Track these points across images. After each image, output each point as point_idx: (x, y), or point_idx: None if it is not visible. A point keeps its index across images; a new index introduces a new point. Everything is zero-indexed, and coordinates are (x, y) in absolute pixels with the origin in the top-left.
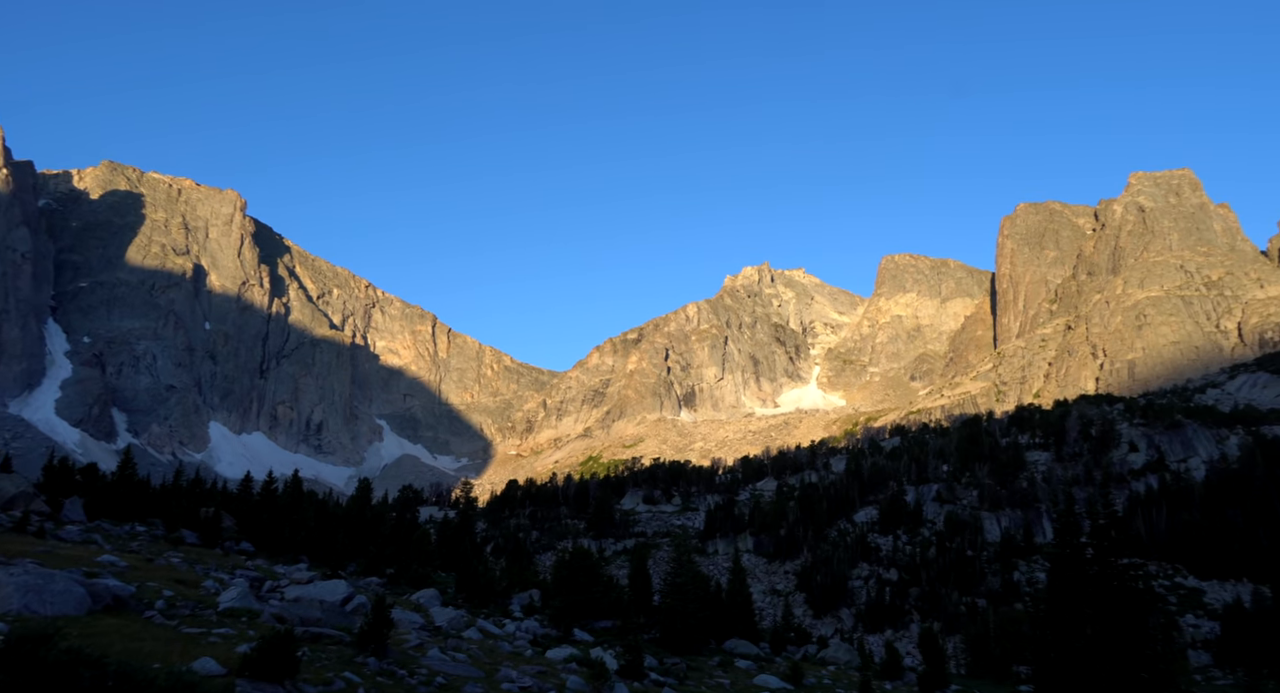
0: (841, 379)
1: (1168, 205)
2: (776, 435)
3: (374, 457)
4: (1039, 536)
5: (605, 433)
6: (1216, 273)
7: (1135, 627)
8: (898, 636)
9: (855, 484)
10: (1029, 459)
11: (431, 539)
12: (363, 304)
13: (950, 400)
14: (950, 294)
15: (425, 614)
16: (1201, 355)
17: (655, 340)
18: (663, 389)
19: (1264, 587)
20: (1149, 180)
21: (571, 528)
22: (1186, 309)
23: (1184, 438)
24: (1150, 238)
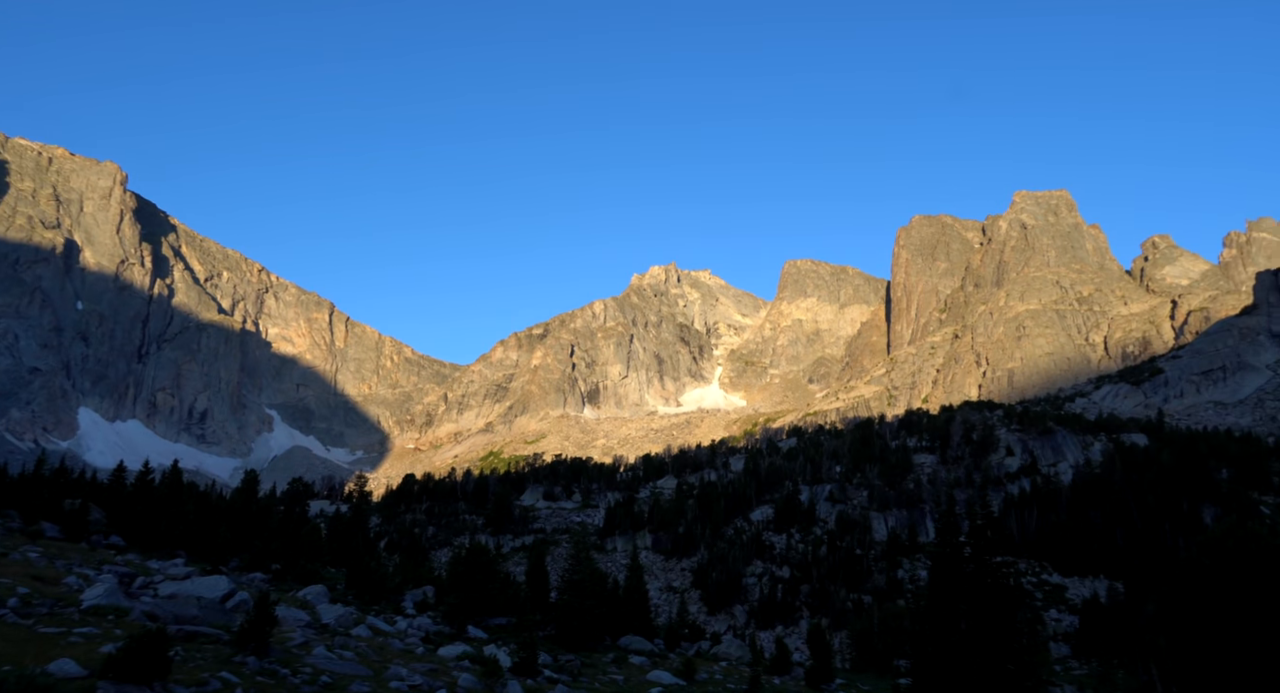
0: (743, 380)
1: (1047, 224)
2: (678, 434)
3: (262, 448)
4: (923, 535)
5: (507, 428)
6: (1087, 289)
7: (1005, 621)
8: (788, 631)
9: (753, 483)
10: (916, 461)
11: (322, 534)
12: (255, 289)
13: (845, 403)
14: (848, 300)
15: (312, 611)
16: (1072, 366)
17: (561, 336)
18: (567, 385)
19: (1118, 583)
20: (1031, 199)
21: (470, 524)
22: (1060, 323)
23: (1054, 444)
24: (1031, 254)
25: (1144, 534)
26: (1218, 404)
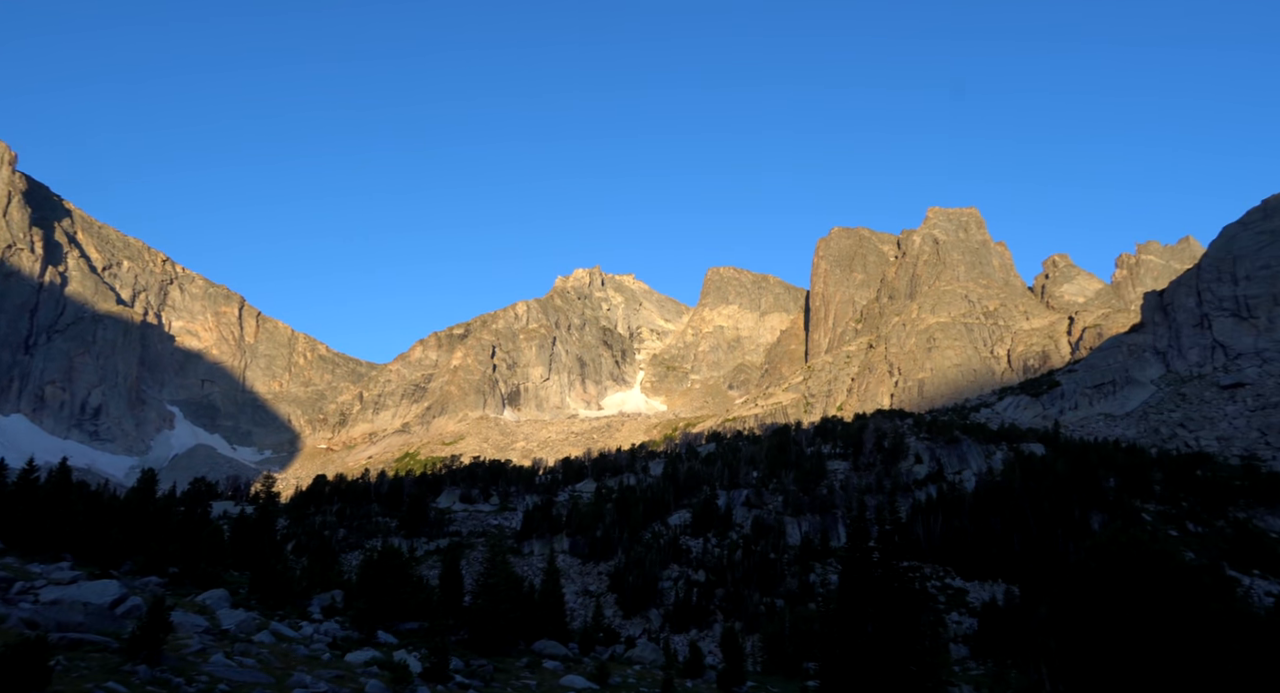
0: (664, 385)
1: (958, 240)
2: (599, 437)
3: (162, 446)
4: (835, 539)
5: (424, 429)
6: (993, 304)
7: (909, 624)
8: (702, 635)
9: (671, 488)
10: (830, 468)
11: (225, 536)
12: (158, 280)
13: (763, 410)
14: (769, 309)
15: (211, 617)
16: (978, 378)
17: (482, 337)
18: (487, 387)
19: (1015, 587)
20: (944, 216)
21: (382, 526)
22: (968, 335)
23: (960, 452)
24: (942, 268)
25: (1039, 540)
26: (1108, 416)
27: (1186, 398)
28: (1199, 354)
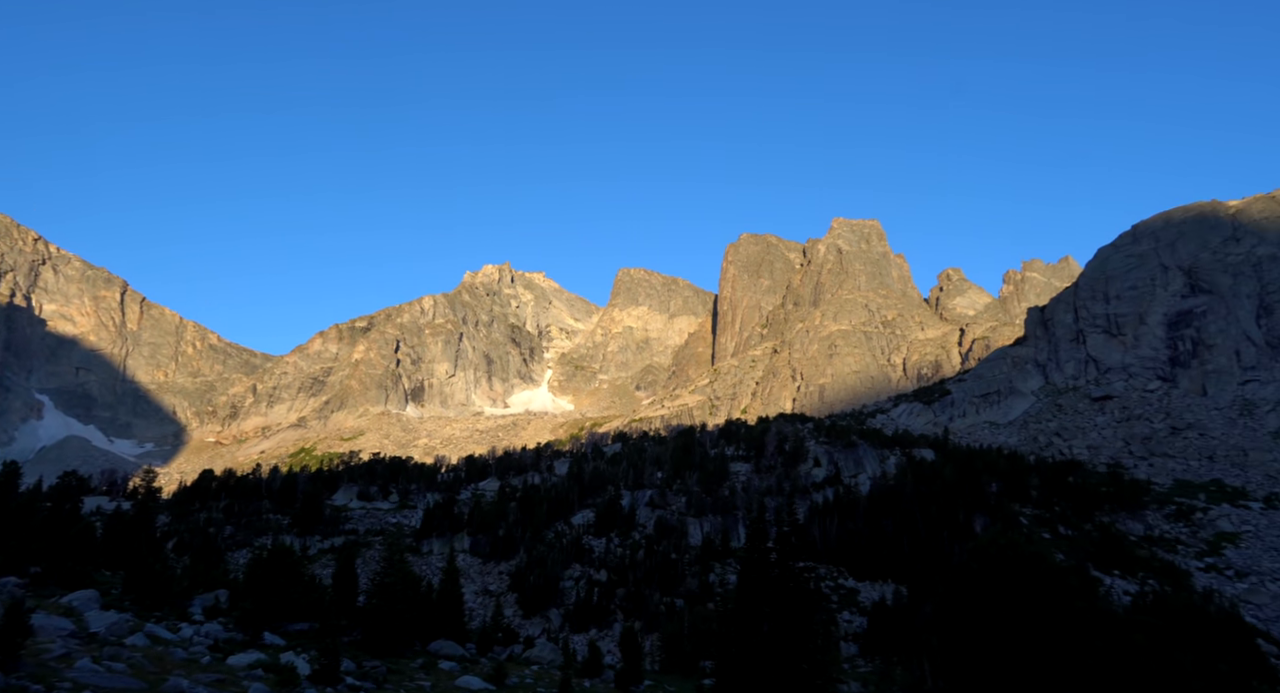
0: (572, 384)
1: (860, 250)
2: (504, 436)
3: (28, 437)
4: (735, 540)
5: (322, 424)
6: (891, 314)
7: (803, 623)
8: (602, 635)
9: (576, 487)
10: (733, 470)
11: (97, 533)
12: (28, 260)
13: (670, 411)
14: (678, 311)
15: (79, 619)
16: (875, 384)
17: (386, 331)
18: (390, 382)
19: (903, 587)
20: (847, 226)
21: (274, 524)
22: (867, 344)
23: (856, 456)
24: (845, 277)
25: (927, 542)
26: (992, 424)
27: (1062, 409)
28: (1074, 368)
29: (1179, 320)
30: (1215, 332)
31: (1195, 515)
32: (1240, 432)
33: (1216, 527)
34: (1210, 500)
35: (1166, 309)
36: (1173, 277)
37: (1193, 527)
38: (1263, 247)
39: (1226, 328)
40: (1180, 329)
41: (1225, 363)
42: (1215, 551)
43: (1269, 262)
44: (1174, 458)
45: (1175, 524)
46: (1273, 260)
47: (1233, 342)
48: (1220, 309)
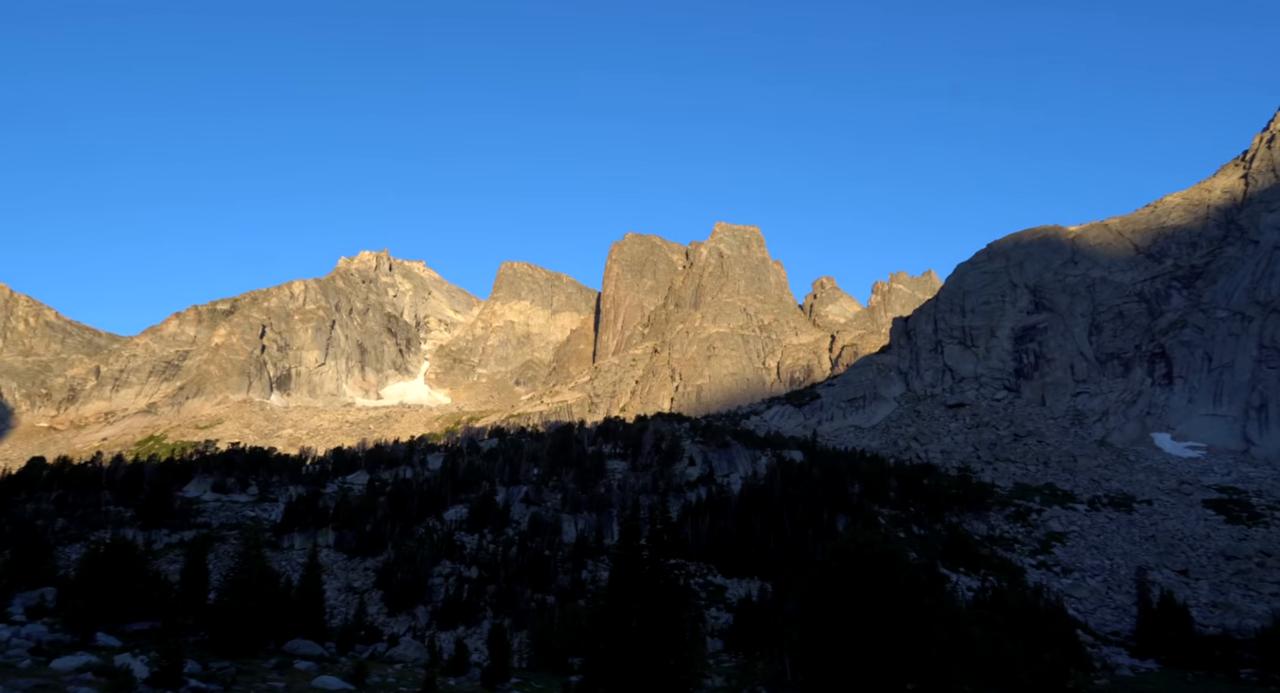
0: (449, 377)
1: (740, 255)
2: (376, 428)
3: None
4: (609, 537)
5: (175, 411)
6: (768, 318)
7: (671, 620)
8: (470, 632)
9: (449, 482)
10: (609, 467)
11: None
12: None
13: (549, 408)
14: (561, 307)
15: None
16: (750, 387)
17: (251, 314)
18: (253, 368)
19: (769, 584)
20: (729, 231)
21: (114, 516)
22: (744, 346)
23: (730, 456)
24: (725, 281)
25: (793, 540)
26: (857, 428)
27: (921, 414)
28: (933, 376)
29: (1024, 335)
30: (1054, 347)
31: (1031, 516)
32: (1071, 440)
33: (1048, 527)
34: (1044, 503)
35: (1014, 324)
36: (1020, 294)
37: (1028, 527)
38: (1096, 270)
39: (1063, 344)
40: (1025, 343)
41: (1061, 376)
42: (1046, 549)
43: (1101, 284)
44: (1015, 463)
45: (1014, 525)
46: (1104, 283)
47: (1068, 356)
48: (1059, 326)
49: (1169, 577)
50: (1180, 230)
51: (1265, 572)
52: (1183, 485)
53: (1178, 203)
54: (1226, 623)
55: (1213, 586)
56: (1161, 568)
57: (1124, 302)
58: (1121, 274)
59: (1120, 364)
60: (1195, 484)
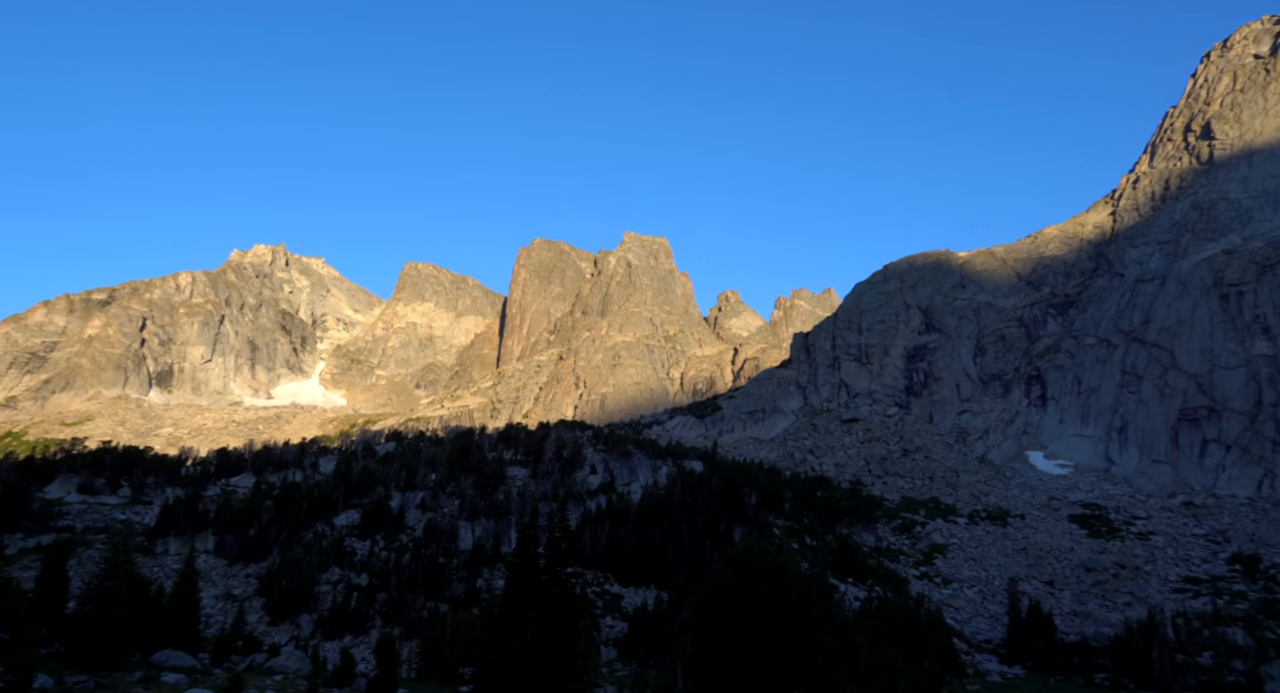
0: (346, 378)
1: (648, 265)
2: (265, 429)
3: None
4: (507, 545)
5: (39, 406)
6: (673, 329)
7: (566, 629)
8: (358, 642)
9: (342, 486)
10: (510, 474)
11: None
12: None
13: (450, 412)
14: (466, 310)
15: None
16: (654, 396)
17: (131, 306)
18: (130, 363)
19: (665, 593)
20: (637, 241)
21: None
22: (649, 356)
23: (631, 465)
24: (633, 290)
25: (690, 549)
26: (756, 440)
27: (817, 428)
28: (829, 391)
29: (915, 354)
30: (942, 366)
31: (915, 529)
32: (955, 456)
33: (931, 539)
34: (928, 516)
35: (906, 343)
36: (913, 314)
37: (913, 539)
38: (981, 294)
39: (950, 364)
40: (916, 362)
41: (947, 394)
42: (928, 560)
43: (985, 308)
44: (903, 477)
45: (900, 537)
46: (988, 307)
47: (954, 376)
48: (947, 346)
49: (1037, 587)
50: (1057, 261)
51: (1120, 582)
52: (1052, 501)
53: (1055, 235)
54: (1085, 631)
55: (1074, 596)
56: (1031, 579)
57: (1006, 326)
58: (1004, 300)
59: (1001, 385)
60: (1063, 500)
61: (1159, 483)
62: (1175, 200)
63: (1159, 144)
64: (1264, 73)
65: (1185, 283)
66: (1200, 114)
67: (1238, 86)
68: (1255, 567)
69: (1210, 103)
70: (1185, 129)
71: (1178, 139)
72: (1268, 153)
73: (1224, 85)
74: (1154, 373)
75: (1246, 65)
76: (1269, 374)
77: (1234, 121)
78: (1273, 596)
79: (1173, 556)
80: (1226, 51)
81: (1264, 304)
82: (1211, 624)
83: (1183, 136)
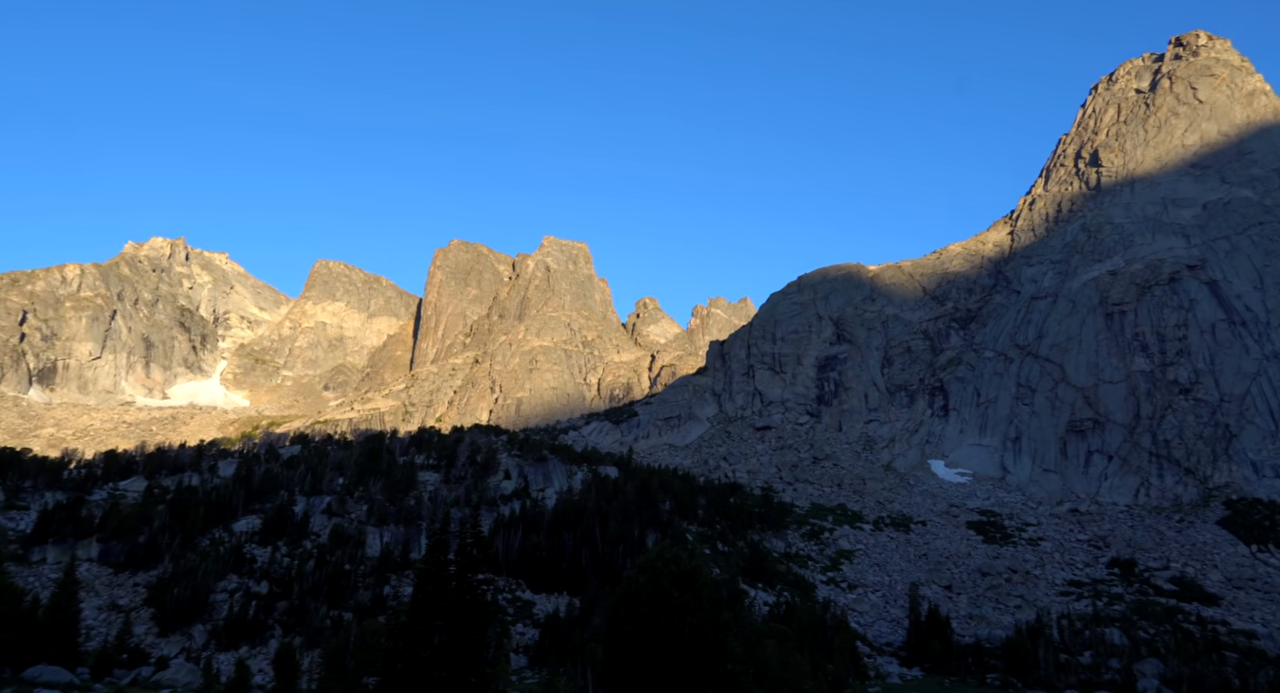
0: (250, 378)
1: (567, 270)
2: (159, 430)
3: None
4: (416, 551)
5: None
6: (591, 335)
7: (475, 636)
8: (255, 653)
9: (242, 490)
10: (421, 479)
11: None
12: None
13: (360, 415)
14: (378, 311)
15: None
16: (571, 402)
17: (9, 298)
18: (8, 358)
19: (577, 599)
20: (557, 246)
21: None
22: (567, 361)
23: (546, 470)
24: (551, 295)
25: (604, 556)
26: (672, 446)
27: (731, 435)
28: (744, 399)
29: (827, 364)
30: (852, 376)
31: (823, 535)
32: (862, 464)
33: (838, 545)
34: (836, 522)
35: (818, 353)
36: (825, 325)
37: (821, 545)
38: (890, 307)
39: (860, 374)
40: (827, 372)
41: (856, 404)
42: (835, 566)
43: (893, 321)
44: (813, 484)
45: (808, 543)
46: (896, 320)
47: (863, 386)
48: (857, 357)
49: (936, 592)
50: (960, 277)
51: (1012, 586)
52: (951, 508)
53: (958, 252)
54: (980, 633)
55: (970, 599)
56: (931, 584)
57: (912, 338)
58: (911, 313)
59: (906, 395)
60: (962, 508)
61: (1049, 491)
62: (1067, 222)
63: (1053, 168)
64: (1144, 107)
65: (1074, 301)
66: (1089, 142)
67: (1122, 118)
68: (1131, 570)
69: (1098, 132)
70: (1076, 155)
71: (1069, 164)
72: (1147, 181)
73: (1110, 116)
74: (1046, 386)
75: (1129, 99)
76: (1146, 389)
77: (1119, 151)
78: (1146, 597)
79: (1059, 560)
80: (1112, 85)
81: (1143, 323)
82: (1092, 625)
83: (1074, 162)
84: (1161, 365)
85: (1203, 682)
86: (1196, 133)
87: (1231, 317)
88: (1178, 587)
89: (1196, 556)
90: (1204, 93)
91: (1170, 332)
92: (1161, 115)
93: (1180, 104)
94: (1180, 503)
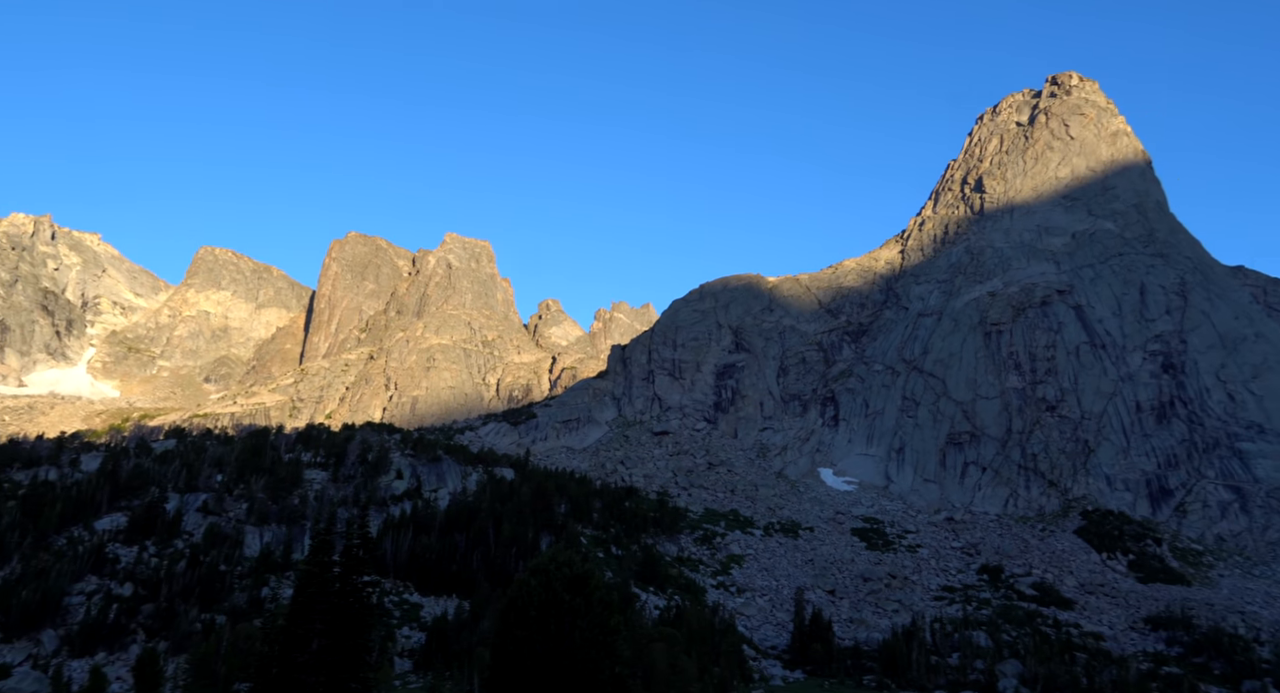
0: (121, 368)
1: (469, 268)
2: (14, 421)
3: None
4: (299, 552)
5: None
6: (492, 334)
7: (357, 640)
8: (114, 659)
9: (107, 486)
10: (307, 477)
11: None
12: None
13: (243, 409)
14: (267, 302)
15: None
16: (468, 402)
17: None
18: None
19: (466, 602)
20: (459, 243)
21: None
22: (465, 360)
23: (440, 471)
24: (451, 293)
25: (496, 558)
26: (570, 449)
27: (629, 439)
28: (643, 403)
29: (725, 372)
30: (748, 385)
31: (715, 540)
32: (756, 470)
33: (729, 550)
34: (728, 527)
35: (717, 361)
36: (724, 334)
37: (712, 549)
38: (787, 318)
39: (756, 382)
40: (725, 379)
41: (752, 412)
42: (725, 570)
43: (790, 332)
44: (707, 490)
45: (700, 547)
46: (792, 331)
47: (759, 394)
48: (754, 366)
49: (820, 596)
50: (853, 292)
51: (891, 591)
52: (838, 515)
53: (853, 268)
54: (859, 636)
55: (852, 603)
56: (816, 588)
57: (807, 349)
58: (807, 325)
59: (800, 405)
60: (847, 514)
61: (928, 500)
62: (952, 244)
63: (941, 192)
64: (1024, 139)
65: (957, 319)
66: (974, 169)
67: (1004, 148)
68: (999, 576)
69: (983, 160)
70: (963, 181)
71: (956, 189)
72: (1025, 209)
73: (993, 146)
74: (929, 400)
75: (1011, 131)
76: (1018, 405)
77: (1000, 179)
78: (1010, 602)
79: (935, 566)
80: (996, 116)
81: (1017, 342)
82: (961, 628)
83: (960, 187)
84: (1032, 383)
85: (1055, 681)
86: (1068, 167)
87: (1094, 340)
88: (1038, 592)
89: (1055, 563)
90: (1075, 130)
91: (1040, 352)
92: (1038, 148)
93: (1055, 139)
94: (1044, 513)
